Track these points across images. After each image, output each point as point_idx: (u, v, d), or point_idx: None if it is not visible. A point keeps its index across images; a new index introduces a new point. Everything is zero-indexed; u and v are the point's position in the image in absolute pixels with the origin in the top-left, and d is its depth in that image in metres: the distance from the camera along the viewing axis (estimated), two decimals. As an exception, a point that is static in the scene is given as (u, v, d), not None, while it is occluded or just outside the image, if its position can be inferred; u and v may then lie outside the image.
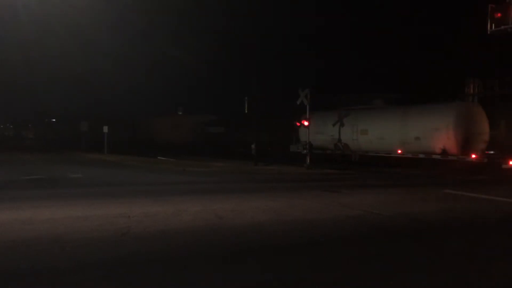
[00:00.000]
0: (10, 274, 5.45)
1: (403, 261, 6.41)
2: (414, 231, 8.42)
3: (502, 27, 19.74)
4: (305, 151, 24.25)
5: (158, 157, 31.30)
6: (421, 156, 23.00)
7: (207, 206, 10.26)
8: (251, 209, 10.06)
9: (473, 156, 20.81)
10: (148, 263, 5.97)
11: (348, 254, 6.70)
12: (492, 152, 21.33)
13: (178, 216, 9.05)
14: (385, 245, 7.33)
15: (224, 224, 8.41)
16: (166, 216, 9.06)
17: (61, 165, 24.09)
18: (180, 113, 51.86)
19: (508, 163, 19.17)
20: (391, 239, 7.75)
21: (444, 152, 21.86)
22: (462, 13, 44.29)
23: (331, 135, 27.90)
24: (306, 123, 24.10)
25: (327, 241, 7.47)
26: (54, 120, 77.28)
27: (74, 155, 35.22)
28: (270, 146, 31.46)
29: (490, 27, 20.03)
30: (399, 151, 23.98)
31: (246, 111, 26.53)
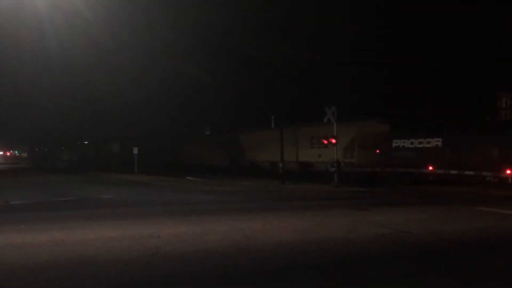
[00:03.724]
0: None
1: (433, 281, 6.26)
2: (445, 250, 8.22)
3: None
4: (333, 169, 24.08)
5: (187, 177, 31.62)
6: (452, 172, 22.48)
7: (234, 225, 10.28)
8: (278, 228, 10.03)
9: (508, 172, 20.21)
10: (177, 284, 6.02)
11: (377, 273, 6.59)
12: None
13: (206, 236, 9.10)
14: (414, 264, 7.18)
15: (251, 244, 8.41)
16: (194, 236, 9.12)
17: (93, 186, 24.60)
18: (202, 131, 46.19)
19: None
20: (421, 258, 7.59)
21: None
22: (493, 26, 43.60)
23: None
24: (333, 141, 24.02)
25: (356, 260, 7.37)
26: (86, 142, 79.61)
27: (105, 176, 35.91)
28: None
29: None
30: (430, 168, 23.45)
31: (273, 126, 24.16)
